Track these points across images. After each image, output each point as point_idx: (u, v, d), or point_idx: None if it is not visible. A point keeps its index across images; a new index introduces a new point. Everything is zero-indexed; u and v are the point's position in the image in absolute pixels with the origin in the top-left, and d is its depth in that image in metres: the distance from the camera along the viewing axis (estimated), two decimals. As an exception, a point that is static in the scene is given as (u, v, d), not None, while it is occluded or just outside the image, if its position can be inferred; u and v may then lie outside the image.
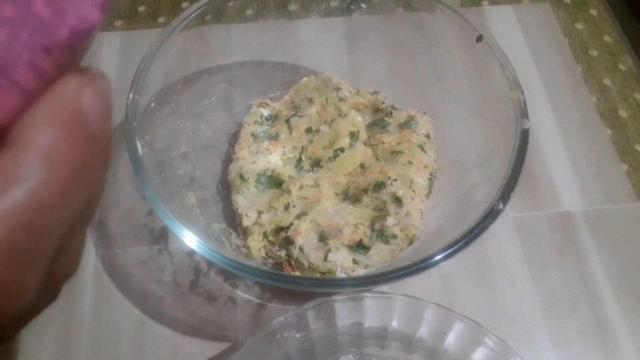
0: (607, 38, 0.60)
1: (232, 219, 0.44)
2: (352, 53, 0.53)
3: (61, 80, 0.15)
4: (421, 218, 0.42)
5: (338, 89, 0.48)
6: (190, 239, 0.34)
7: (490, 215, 0.35)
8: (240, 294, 0.44)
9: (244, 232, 0.43)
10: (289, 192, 0.43)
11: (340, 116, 0.46)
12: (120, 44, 0.58)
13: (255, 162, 0.45)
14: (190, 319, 0.43)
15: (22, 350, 0.41)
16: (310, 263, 0.39)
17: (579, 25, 0.61)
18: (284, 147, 0.46)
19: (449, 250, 0.34)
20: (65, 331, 0.42)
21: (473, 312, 0.36)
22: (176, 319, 0.43)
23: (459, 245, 0.33)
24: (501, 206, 0.35)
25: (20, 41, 0.14)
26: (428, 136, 0.46)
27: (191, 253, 0.45)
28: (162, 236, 0.46)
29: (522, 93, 0.40)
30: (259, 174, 0.44)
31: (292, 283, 0.33)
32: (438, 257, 0.33)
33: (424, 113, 0.47)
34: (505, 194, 0.35)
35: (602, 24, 0.61)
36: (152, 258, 0.45)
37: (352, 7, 0.50)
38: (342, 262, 0.39)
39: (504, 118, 0.40)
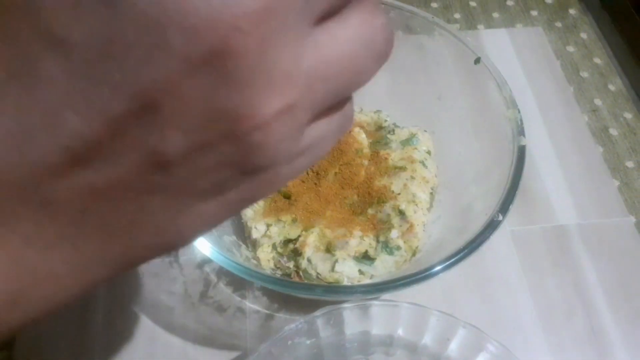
0: (597, 60, 0.62)
1: (242, 231, 0.46)
2: (354, 74, 0.55)
3: None
4: (423, 230, 0.44)
5: (342, 107, 0.50)
6: (204, 247, 0.36)
7: (491, 226, 0.37)
8: (249, 304, 0.45)
9: (253, 244, 0.44)
10: (297, 205, 0.44)
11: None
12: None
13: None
14: (201, 328, 0.44)
15: (35, 361, 0.42)
16: (318, 274, 0.41)
17: (570, 48, 0.64)
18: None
19: (452, 259, 0.35)
20: (78, 342, 0.43)
21: (473, 321, 0.38)
22: (187, 329, 0.44)
23: (461, 254, 0.35)
24: (501, 217, 0.37)
25: None
26: (429, 152, 0.48)
27: (201, 265, 0.47)
28: (172, 249, 0.48)
29: (519, 112, 0.42)
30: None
31: (304, 290, 0.34)
32: (440, 267, 0.35)
33: (425, 130, 0.49)
34: (504, 206, 0.37)
35: (592, 47, 0.64)
36: (163, 270, 0.47)
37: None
38: (348, 273, 0.41)
39: (501, 135, 0.43)
